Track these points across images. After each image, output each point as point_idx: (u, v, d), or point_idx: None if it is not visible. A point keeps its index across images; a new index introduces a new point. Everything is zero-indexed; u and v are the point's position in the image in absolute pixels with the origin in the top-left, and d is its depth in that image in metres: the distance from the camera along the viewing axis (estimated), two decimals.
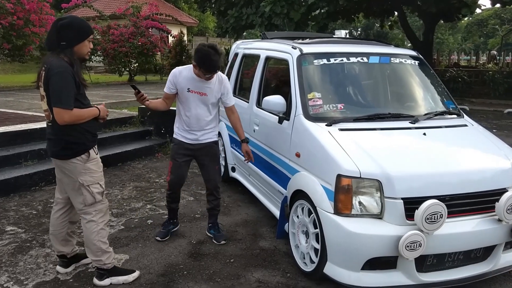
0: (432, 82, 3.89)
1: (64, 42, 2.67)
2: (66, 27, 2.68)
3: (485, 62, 20.52)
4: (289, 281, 3.09)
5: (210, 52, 3.21)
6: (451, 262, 2.86)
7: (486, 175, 2.92)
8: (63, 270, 3.14)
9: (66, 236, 3.09)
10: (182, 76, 3.40)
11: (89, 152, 2.84)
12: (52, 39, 2.70)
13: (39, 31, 10.86)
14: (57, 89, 2.59)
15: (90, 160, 2.85)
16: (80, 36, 2.74)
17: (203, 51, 3.22)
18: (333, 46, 3.93)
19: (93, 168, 2.87)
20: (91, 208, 2.89)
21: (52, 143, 2.83)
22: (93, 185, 2.86)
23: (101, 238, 2.93)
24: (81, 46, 2.74)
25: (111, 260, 3.00)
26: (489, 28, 46.12)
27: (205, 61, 3.24)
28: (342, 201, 2.77)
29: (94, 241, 2.90)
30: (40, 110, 7.30)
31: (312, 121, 3.24)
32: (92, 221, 2.90)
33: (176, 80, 3.41)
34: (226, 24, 15.38)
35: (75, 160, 2.78)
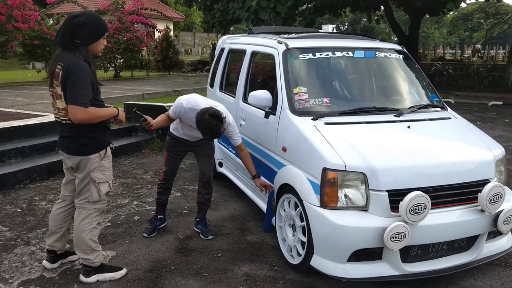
0: (417, 75, 3.93)
1: (79, 40, 2.63)
2: (82, 25, 2.63)
3: (470, 56, 20.77)
4: (276, 274, 3.11)
5: (212, 124, 3.15)
6: (435, 252, 2.90)
7: (469, 166, 2.97)
8: (49, 265, 3.12)
9: (65, 232, 3.07)
10: (187, 116, 3.40)
11: (107, 148, 2.85)
12: (66, 36, 2.65)
13: (22, 27, 10.68)
14: (75, 87, 2.56)
15: (106, 158, 2.86)
16: (96, 35, 2.72)
17: (205, 122, 3.16)
18: (319, 40, 3.95)
19: (107, 165, 2.88)
20: (92, 205, 2.87)
21: (70, 140, 2.78)
22: (103, 184, 2.86)
23: (93, 236, 2.91)
24: (96, 44, 2.73)
25: (99, 259, 2.99)
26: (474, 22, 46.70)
27: (207, 132, 3.23)
28: (328, 194, 2.79)
29: (85, 239, 2.88)
30: (23, 107, 7.22)
31: (298, 116, 3.25)
32: (87, 219, 2.88)
33: (181, 115, 3.43)
34: (212, 19, 15.31)
35: (93, 156, 2.77)
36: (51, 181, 4.95)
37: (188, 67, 18.64)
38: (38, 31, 11.50)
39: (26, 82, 12.29)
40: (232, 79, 4.90)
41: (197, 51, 28.24)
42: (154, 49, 16.26)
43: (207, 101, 3.46)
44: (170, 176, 3.74)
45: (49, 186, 4.80)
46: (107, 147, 2.86)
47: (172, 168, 3.72)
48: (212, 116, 3.14)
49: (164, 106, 6.50)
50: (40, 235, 3.64)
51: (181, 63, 17.40)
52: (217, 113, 3.18)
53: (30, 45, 11.36)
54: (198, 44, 29.36)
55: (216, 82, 5.09)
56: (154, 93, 9.51)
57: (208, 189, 3.69)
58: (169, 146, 3.71)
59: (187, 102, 3.38)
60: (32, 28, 11.27)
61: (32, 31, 11.35)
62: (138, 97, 8.87)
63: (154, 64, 16.57)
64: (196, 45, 29.26)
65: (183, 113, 3.41)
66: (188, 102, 3.38)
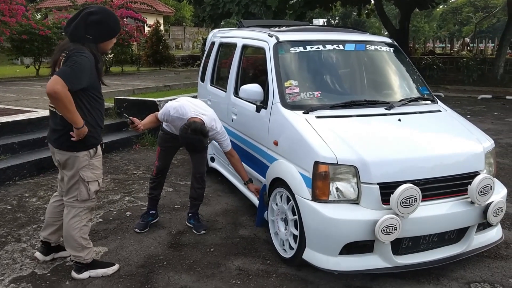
0: (407, 68, 3.95)
1: (90, 36, 2.60)
2: (98, 24, 2.61)
3: (459, 50, 20.89)
4: (269, 268, 3.12)
5: (194, 140, 3.18)
6: (426, 244, 2.93)
7: (459, 159, 2.99)
8: (42, 257, 3.11)
9: (61, 226, 3.03)
10: (174, 124, 3.45)
11: (97, 147, 2.81)
12: (79, 31, 2.61)
13: (10, 21, 10.51)
14: (71, 65, 2.48)
15: (96, 156, 2.82)
16: (109, 34, 2.70)
17: (187, 139, 3.19)
18: (309, 33, 3.94)
19: (96, 164, 2.84)
20: (80, 203, 2.84)
21: (60, 134, 2.71)
22: (92, 183, 2.83)
23: (83, 234, 2.88)
24: (107, 43, 2.72)
25: (90, 256, 2.97)
26: (464, 16, 46.91)
27: (190, 147, 3.31)
28: (320, 188, 2.80)
29: (75, 237, 2.86)
30: (12, 103, 7.13)
31: (289, 109, 3.25)
32: (77, 217, 2.85)
33: (168, 121, 3.50)
34: (202, 13, 15.20)
35: (82, 153, 2.73)
36: (41, 178, 4.91)
37: (179, 62, 18.53)
38: (26, 26, 11.33)
39: (15, 77, 12.13)
40: (223, 73, 4.88)
41: (187, 46, 28.07)
42: (144, 43, 16.11)
43: (195, 109, 3.43)
44: (163, 171, 3.73)
45: (39, 183, 4.76)
46: (98, 146, 2.82)
47: (165, 163, 3.72)
48: (194, 132, 3.16)
49: (155, 101, 6.46)
50: (31, 232, 3.61)
51: (171, 58, 17.27)
52: (199, 128, 3.17)
53: (18, 40, 11.20)
54: (189, 38, 29.17)
55: (207, 77, 5.07)
56: (145, 88, 9.43)
57: (201, 184, 3.68)
58: (162, 141, 3.69)
59: (174, 110, 3.38)
60: (19, 23, 11.10)
61: (20, 25, 11.18)
62: (128, 92, 8.79)
63: (144, 59, 16.42)
64: (186, 39, 29.07)
65: (171, 120, 3.45)
66: (176, 111, 3.38)
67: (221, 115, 4.50)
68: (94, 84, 2.67)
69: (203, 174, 3.69)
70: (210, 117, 3.46)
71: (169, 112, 3.40)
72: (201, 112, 3.43)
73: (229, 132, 4.25)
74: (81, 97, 2.63)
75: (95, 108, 2.73)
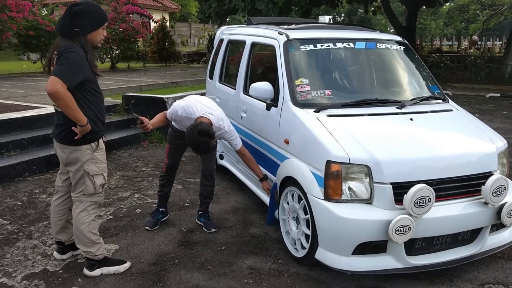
0: (417, 67, 3.91)
1: (77, 29, 2.61)
2: (81, 14, 2.61)
3: (467, 47, 20.76)
4: (280, 267, 3.11)
5: (200, 141, 3.15)
6: (439, 245, 2.91)
7: (473, 159, 2.97)
8: (59, 256, 3.14)
9: (66, 224, 3.07)
10: (182, 123, 3.45)
11: (99, 141, 2.82)
12: (66, 24, 2.63)
13: (17, 17, 10.53)
14: (64, 64, 2.50)
15: (98, 150, 2.83)
16: (95, 24, 2.68)
17: (193, 140, 3.16)
18: (319, 31, 3.91)
19: (100, 158, 2.84)
20: (88, 198, 2.85)
21: (62, 128, 2.73)
22: (97, 176, 2.83)
23: (92, 229, 2.89)
24: (94, 34, 2.69)
25: (102, 251, 2.97)
26: (470, 14, 46.59)
27: (196, 149, 3.25)
28: (332, 187, 2.79)
29: (84, 231, 2.87)
30: (20, 99, 7.15)
31: (300, 108, 3.24)
32: (85, 211, 2.86)
33: (176, 121, 3.50)
34: (208, 9, 15.20)
35: (84, 147, 2.74)
36: (50, 174, 4.92)
37: (185, 58, 18.50)
38: (32, 22, 11.35)
39: (22, 73, 12.16)
40: (232, 70, 4.86)
41: (193, 42, 28.04)
42: (150, 39, 16.10)
43: (203, 108, 3.41)
44: (173, 168, 3.74)
45: (49, 179, 4.77)
46: (99, 139, 2.82)
47: (175, 160, 3.72)
48: (200, 134, 3.13)
49: (163, 98, 6.45)
50: (42, 229, 3.62)
51: (177, 54, 17.25)
52: (205, 130, 3.15)
53: (25, 35, 11.22)
54: (194, 35, 29.14)
55: (216, 74, 5.05)
56: (151, 85, 9.43)
57: (211, 181, 3.68)
58: (171, 138, 3.69)
59: (182, 110, 3.38)
60: (26, 19, 11.12)
61: (27, 21, 11.20)
62: (135, 89, 8.80)
63: (150, 55, 16.41)
64: (192, 36, 29.04)
65: (179, 120, 3.45)
66: (183, 110, 3.38)
67: (230, 113, 4.50)
68: (89, 78, 2.66)
69: (212, 172, 3.68)
70: (218, 116, 3.45)
71: (176, 112, 3.40)
72: (209, 111, 3.42)
73: (238, 129, 4.24)
74: (78, 92, 2.63)
75: (93, 102, 2.72)
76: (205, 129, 3.15)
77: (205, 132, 3.14)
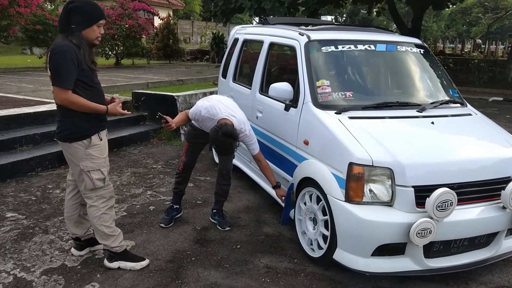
0: (436, 70, 3.93)
1: (73, 25, 2.63)
2: (76, 10, 2.62)
3: (470, 50, 20.79)
4: (296, 267, 3.13)
5: (225, 143, 3.19)
6: (456, 248, 2.93)
7: (492, 163, 2.98)
8: (77, 252, 3.15)
9: (79, 219, 3.08)
10: (204, 124, 3.47)
11: (91, 138, 2.79)
12: (63, 21, 2.66)
13: (24, 12, 10.52)
14: (56, 67, 2.55)
15: (92, 146, 2.80)
16: (88, 21, 2.68)
17: (218, 141, 3.19)
18: (340, 33, 3.91)
19: (95, 154, 2.82)
20: (92, 193, 2.86)
21: (58, 125, 2.79)
22: (94, 171, 2.82)
23: (103, 222, 2.90)
24: (89, 31, 2.68)
25: (118, 244, 2.98)
26: (473, 17, 46.61)
27: (220, 149, 3.30)
28: (354, 189, 2.80)
29: (96, 225, 2.90)
30: (30, 93, 7.14)
31: (321, 109, 3.25)
32: (93, 206, 2.88)
33: (199, 121, 3.50)
34: (214, 8, 15.16)
35: (77, 144, 2.75)
36: (63, 170, 4.92)
37: (188, 56, 18.49)
38: (40, 16, 11.34)
39: (28, 68, 12.12)
40: (247, 70, 4.87)
41: (196, 40, 28.00)
42: (155, 36, 16.07)
43: (226, 110, 3.42)
44: (190, 166, 3.75)
45: (62, 174, 4.77)
46: (92, 136, 2.79)
47: (192, 158, 3.74)
48: (225, 135, 3.15)
49: (174, 96, 6.45)
50: (58, 224, 3.63)
51: (182, 51, 17.24)
52: (229, 131, 3.17)
53: (32, 30, 11.21)
54: (197, 32, 29.08)
55: (230, 73, 5.06)
56: (158, 82, 9.42)
57: (227, 180, 3.69)
58: (190, 136, 3.70)
59: (205, 111, 3.40)
60: (34, 13, 11.11)
61: (34, 16, 11.19)
62: (142, 86, 8.78)
63: (155, 52, 16.39)
64: (194, 33, 29.00)
65: (201, 120, 3.45)
66: (207, 111, 3.40)
67: (245, 112, 4.49)
68: (82, 73, 2.65)
69: (229, 171, 3.69)
70: (240, 119, 3.46)
71: (200, 112, 3.42)
72: (232, 113, 3.43)
73: (253, 129, 4.26)
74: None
75: (85, 97, 2.68)
76: (229, 130, 3.16)
77: (230, 134, 3.15)
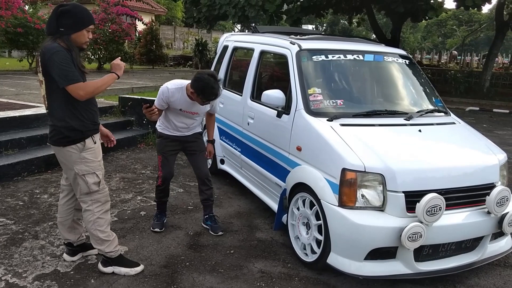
0: (421, 80, 4.08)
1: (62, 28, 2.64)
2: (66, 14, 2.64)
3: (447, 62, 21.40)
4: (290, 271, 3.18)
5: (211, 81, 3.22)
6: (444, 252, 3.04)
7: (478, 170, 3.12)
8: (69, 258, 3.12)
9: (73, 224, 3.07)
10: (175, 98, 3.39)
11: (85, 141, 2.78)
12: (52, 24, 2.66)
13: (5, 14, 10.34)
14: (59, 69, 2.54)
15: (86, 150, 2.79)
16: (78, 25, 2.69)
17: (205, 81, 3.21)
18: (329, 42, 4.03)
19: (89, 157, 2.81)
20: (87, 197, 2.86)
21: (50, 129, 2.78)
22: (89, 175, 2.82)
23: (98, 227, 2.90)
24: (78, 35, 2.69)
25: (113, 249, 2.97)
26: (448, 29, 48.02)
27: (206, 91, 3.24)
28: (347, 194, 2.88)
29: (91, 230, 2.90)
30: (13, 97, 7.02)
31: (314, 116, 3.33)
32: (88, 211, 2.88)
33: (168, 100, 3.40)
34: (198, 14, 15.22)
35: (70, 148, 2.74)
36: (49, 174, 4.86)
37: (171, 61, 18.46)
38: (21, 19, 11.15)
39: (7, 70, 11.90)
40: (237, 76, 4.93)
41: (178, 46, 27.97)
42: (138, 41, 16.00)
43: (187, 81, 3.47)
44: (168, 178, 3.68)
45: (49, 179, 4.71)
46: (86, 140, 2.79)
47: (169, 170, 3.66)
48: (211, 76, 3.25)
49: None
50: (48, 229, 3.59)
51: (165, 57, 17.22)
52: (215, 74, 3.32)
53: (12, 33, 11.00)
54: (179, 38, 29.08)
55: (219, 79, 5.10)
56: (143, 87, 9.39)
57: (209, 184, 3.73)
58: (161, 147, 3.63)
59: (171, 84, 3.42)
60: (15, 16, 10.93)
61: (15, 18, 11.00)
62: (127, 91, 8.75)
63: (138, 57, 16.31)
64: (177, 39, 28.97)
65: (171, 95, 3.38)
66: (172, 84, 3.43)
67: (235, 119, 4.58)
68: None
69: (208, 175, 3.74)
70: None
71: (166, 88, 3.37)
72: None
73: (244, 135, 4.32)
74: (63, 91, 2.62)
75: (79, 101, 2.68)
76: (214, 73, 3.33)
77: (215, 76, 3.28)
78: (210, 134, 3.85)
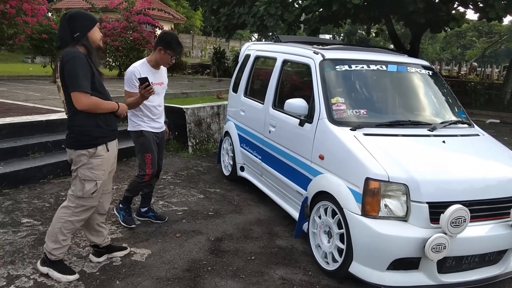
0: (444, 91, 4.07)
1: (77, 32, 2.71)
2: (76, 15, 2.74)
3: (466, 73, 21.19)
4: (311, 279, 3.19)
5: (175, 35, 3.64)
6: (467, 264, 3.02)
7: (503, 182, 3.10)
8: (95, 259, 3.19)
9: (96, 227, 3.13)
10: (144, 72, 3.55)
11: (97, 147, 2.81)
12: (65, 34, 2.72)
13: (31, 21, 10.63)
14: (72, 73, 2.61)
15: (96, 156, 2.81)
16: (90, 22, 2.79)
17: (169, 34, 3.62)
18: (352, 52, 4.06)
19: (97, 164, 2.82)
20: (76, 199, 2.87)
21: (67, 133, 2.85)
22: (88, 182, 2.82)
23: (64, 228, 2.87)
24: (93, 31, 2.79)
25: (58, 254, 2.91)
26: (467, 40, 47.57)
27: (173, 42, 3.55)
28: (370, 203, 2.89)
29: (56, 226, 2.87)
30: (39, 102, 7.21)
31: (337, 125, 3.36)
32: (68, 209, 2.88)
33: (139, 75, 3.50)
34: (217, 23, 15.41)
35: (81, 151, 2.78)
36: None
37: (189, 69, 18.66)
38: (45, 26, 11.44)
39: (31, 76, 12.21)
40: (259, 85, 4.99)
41: (196, 54, 28.29)
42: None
43: None
44: (154, 174, 3.85)
45: None
46: (98, 146, 2.82)
47: (155, 167, 3.82)
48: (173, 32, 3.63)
49: (182, 108, 6.54)
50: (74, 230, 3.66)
51: (184, 65, 17.39)
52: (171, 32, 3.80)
53: (37, 39, 11.29)
54: (197, 47, 29.43)
55: (241, 88, 5.18)
56: None
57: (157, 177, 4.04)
58: (148, 145, 3.72)
59: (134, 65, 3.64)
60: (40, 23, 11.22)
61: (40, 25, 11.30)
62: None
63: None
64: (195, 47, 29.32)
65: (140, 71, 3.55)
66: (134, 64, 3.65)
67: (256, 126, 4.63)
68: (93, 77, 2.72)
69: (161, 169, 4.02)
70: None
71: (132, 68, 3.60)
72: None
73: (265, 143, 4.37)
74: None
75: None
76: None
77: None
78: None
